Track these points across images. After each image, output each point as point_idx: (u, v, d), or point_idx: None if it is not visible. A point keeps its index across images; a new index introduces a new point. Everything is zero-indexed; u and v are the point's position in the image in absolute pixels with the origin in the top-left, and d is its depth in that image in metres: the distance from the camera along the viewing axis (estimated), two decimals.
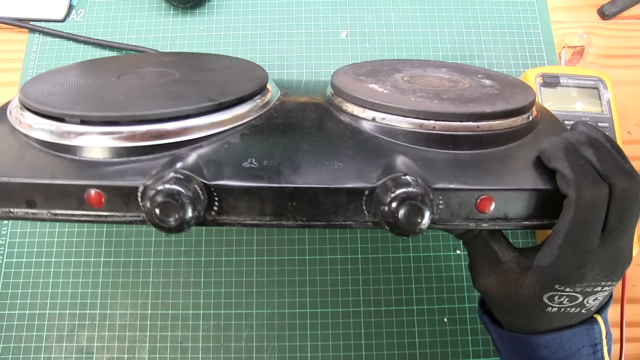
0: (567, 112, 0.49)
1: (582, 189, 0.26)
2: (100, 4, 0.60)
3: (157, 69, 0.39)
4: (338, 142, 0.31)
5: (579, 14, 0.60)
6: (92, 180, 0.27)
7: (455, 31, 0.59)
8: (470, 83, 0.38)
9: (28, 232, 0.50)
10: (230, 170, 0.28)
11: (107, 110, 0.29)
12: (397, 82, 0.37)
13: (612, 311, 0.48)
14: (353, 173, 0.28)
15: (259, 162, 0.28)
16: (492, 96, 0.35)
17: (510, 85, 0.38)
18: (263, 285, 0.48)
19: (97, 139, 0.29)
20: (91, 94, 0.33)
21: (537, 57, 0.58)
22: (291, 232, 0.49)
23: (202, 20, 0.59)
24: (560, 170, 0.27)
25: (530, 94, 0.36)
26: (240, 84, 0.35)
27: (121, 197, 0.27)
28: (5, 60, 0.57)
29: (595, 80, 0.51)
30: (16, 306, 0.48)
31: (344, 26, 0.59)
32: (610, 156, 0.28)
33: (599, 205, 0.26)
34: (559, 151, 0.28)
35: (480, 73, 0.41)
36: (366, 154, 0.30)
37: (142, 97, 0.32)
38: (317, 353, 0.46)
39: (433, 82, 0.38)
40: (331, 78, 0.38)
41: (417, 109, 0.31)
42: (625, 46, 0.59)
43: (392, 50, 0.58)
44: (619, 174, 0.27)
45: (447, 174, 0.29)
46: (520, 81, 0.39)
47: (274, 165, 0.28)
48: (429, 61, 0.44)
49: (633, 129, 0.55)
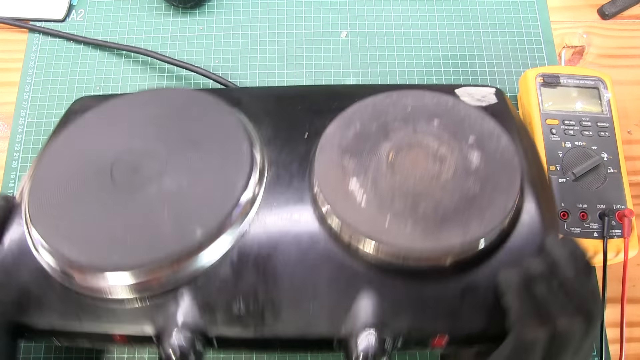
0: (567, 112, 0.49)
1: (524, 330, 0.29)
2: (100, 4, 0.60)
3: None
4: (314, 272, 0.34)
5: (579, 14, 0.60)
6: (112, 328, 0.34)
7: (455, 31, 0.59)
8: (455, 164, 0.38)
9: None
10: (223, 317, 0.33)
11: (118, 259, 0.33)
12: (379, 170, 0.37)
13: (612, 311, 0.48)
14: (324, 322, 0.33)
15: (247, 306, 0.33)
16: (471, 202, 0.36)
17: (498, 167, 0.38)
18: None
19: (119, 288, 0.34)
20: (97, 231, 0.35)
21: (537, 57, 0.58)
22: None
23: (202, 20, 0.59)
24: (508, 307, 0.30)
25: (511, 195, 0.36)
26: (218, 206, 0.36)
27: (140, 341, 0.35)
28: (5, 60, 0.57)
29: (595, 80, 0.51)
30: None
31: (344, 26, 0.59)
32: (560, 293, 0.29)
33: (537, 344, 0.29)
34: (510, 288, 0.30)
35: (473, 130, 0.40)
36: (337, 290, 0.34)
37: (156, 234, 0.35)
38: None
39: (418, 165, 0.38)
40: (315, 161, 0.37)
41: (390, 242, 0.33)
42: (625, 46, 0.59)
43: (392, 50, 0.58)
44: (561, 315, 0.29)
45: (409, 315, 0.33)
46: (510, 152, 0.38)
47: (259, 311, 0.33)
48: (423, 102, 0.42)
49: (633, 129, 0.55)
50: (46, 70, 0.57)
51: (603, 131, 0.49)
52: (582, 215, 0.46)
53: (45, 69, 0.57)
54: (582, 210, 0.46)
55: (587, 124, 0.49)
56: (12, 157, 0.53)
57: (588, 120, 0.49)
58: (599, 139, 0.48)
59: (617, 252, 0.45)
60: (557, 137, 0.48)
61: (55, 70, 0.57)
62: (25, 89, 0.56)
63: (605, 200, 0.46)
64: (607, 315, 0.47)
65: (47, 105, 0.55)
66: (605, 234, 0.45)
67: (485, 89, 0.48)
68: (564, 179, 0.47)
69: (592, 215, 0.46)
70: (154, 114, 0.41)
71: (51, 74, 0.56)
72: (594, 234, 0.45)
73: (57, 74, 0.56)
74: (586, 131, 0.48)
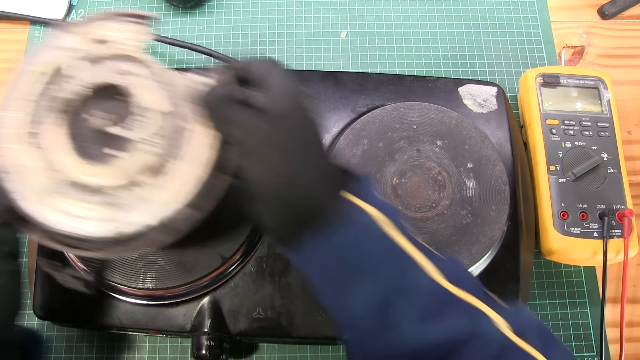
0: (567, 112, 0.49)
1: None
2: (100, 4, 0.60)
3: None
4: None
5: (579, 14, 0.60)
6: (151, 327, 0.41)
7: (455, 31, 0.59)
8: (452, 190, 0.43)
9: None
10: (245, 322, 0.41)
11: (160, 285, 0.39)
12: (385, 193, 0.43)
13: (612, 311, 0.48)
14: (331, 325, 0.38)
15: (265, 313, 0.41)
16: (464, 230, 0.42)
17: (490, 196, 0.43)
18: None
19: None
20: None
21: (537, 57, 0.58)
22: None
23: (202, 20, 0.59)
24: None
25: (498, 228, 0.42)
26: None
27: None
28: (6, 60, 0.57)
29: (595, 80, 0.51)
30: None
31: (344, 26, 0.59)
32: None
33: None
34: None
35: (470, 159, 0.44)
36: None
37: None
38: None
39: (419, 190, 0.43)
40: None
41: None
42: (625, 46, 0.59)
43: (392, 50, 0.58)
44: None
45: None
46: (501, 185, 0.43)
47: (275, 317, 0.41)
48: (429, 117, 0.45)
49: (633, 129, 0.55)
50: None
51: (603, 131, 0.48)
52: (582, 215, 0.46)
53: None
54: (582, 210, 0.46)
55: (587, 124, 0.49)
56: None
57: (588, 120, 0.49)
58: (599, 139, 0.48)
59: (617, 252, 0.45)
60: (557, 137, 0.48)
61: None
62: None
63: (605, 200, 0.46)
64: (607, 315, 0.47)
65: None
66: (605, 234, 0.45)
67: (487, 89, 0.49)
68: (564, 179, 0.47)
69: (592, 215, 0.46)
70: None
71: None
72: (594, 234, 0.45)
73: None
74: (586, 131, 0.48)
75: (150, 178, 0.32)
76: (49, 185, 0.32)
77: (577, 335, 0.48)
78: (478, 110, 0.47)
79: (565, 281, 0.49)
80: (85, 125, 0.33)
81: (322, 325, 0.41)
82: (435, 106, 0.45)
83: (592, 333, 0.48)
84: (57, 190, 0.32)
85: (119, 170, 0.32)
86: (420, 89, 0.48)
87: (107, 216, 0.31)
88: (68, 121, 0.32)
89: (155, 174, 0.32)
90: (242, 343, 0.46)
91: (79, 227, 0.31)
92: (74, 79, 0.33)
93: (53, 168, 0.32)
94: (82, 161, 0.32)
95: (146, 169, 0.31)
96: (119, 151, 0.32)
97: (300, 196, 0.28)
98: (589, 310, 0.49)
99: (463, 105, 0.48)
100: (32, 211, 0.31)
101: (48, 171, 0.32)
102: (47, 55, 0.32)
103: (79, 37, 0.33)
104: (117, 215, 0.31)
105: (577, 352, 0.47)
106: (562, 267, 0.50)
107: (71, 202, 0.32)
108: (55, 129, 0.32)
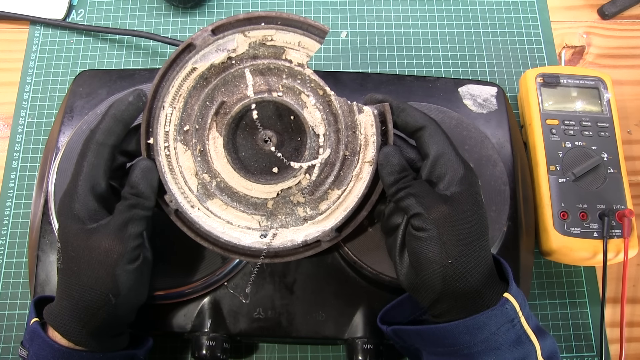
0: (567, 112, 0.49)
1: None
2: (100, 4, 0.60)
3: None
4: (325, 286, 0.42)
5: (579, 14, 0.60)
6: (151, 327, 0.41)
7: (455, 31, 0.59)
8: None
9: (28, 232, 0.50)
10: (245, 322, 0.41)
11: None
12: None
13: (612, 311, 0.48)
14: (331, 326, 0.41)
15: (265, 313, 0.41)
16: None
17: (490, 196, 0.43)
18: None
19: None
20: None
21: (537, 57, 0.58)
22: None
23: (202, 20, 0.59)
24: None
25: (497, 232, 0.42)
26: None
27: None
28: (5, 60, 0.57)
29: (595, 80, 0.51)
30: (16, 306, 0.48)
31: (344, 26, 0.59)
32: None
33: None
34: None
35: (470, 159, 0.44)
36: (344, 301, 0.41)
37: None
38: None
39: None
40: None
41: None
42: (625, 46, 0.59)
43: (392, 50, 0.58)
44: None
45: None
46: (501, 185, 0.43)
47: (275, 317, 0.41)
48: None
49: (633, 129, 0.55)
50: (46, 70, 0.57)
51: (603, 131, 0.48)
52: (582, 215, 0.46)
53: (46, 68, 0.57)
54: (582, 210, 0.46)
55: (587, 124, 0.49)
56: (12, 157, 0.53)
57: (588, 120, 0.49)
58: (599, 139, 0.48)
59: (617, 252, 0.45)
60: (557, 137, 0.48)
61: (55, 71, 0.57)
62: (25, 89, 0.56)
63: (605, 200, 0.46)
64: (607, 315, 0.47)
65: (47, 105, 0.55)
66: (605, 234, 0.45)
67: (487, 89, 0.49)
68: (564, 179, 0.47)
69: (592, 215, 0.46)
70: None
71: (51, 74, 0.56)
72: (594, 234, 0.45)
73: (57, 74, 0.56)
74: (586, 131, 0.48)
75: (308, 200, 0.34)
76: (209, 190, 0.33)
77: (577, 335, 0.48)
78: (478, 111, 0.48)
79: (565, 281, 0.49)
80: (252, 138, 0.33)
81: (322, 325, 0.41)
82: (435, 106, 0.45)
83: (592, 333, 0.48)
84: (218, 196, 0.33)
85: (279, 189, 0.33)
86: (420, 89, 0.48)
87: (261, 229, 0.34)
88: (231, 129, 0.33)
89: (313, 197, 0.34)
90: (242, 343, 0.46)
91: (236, 236, 0.33)
92: (241, 88, 0.32)
93: (214, 174, 0.33)
94: (244, 173, 0.33)
95: (306, 192, 0.33)
96: (281, 171, 0.33)
97: (461, 277, 0.31)
98: (589, 310, 0.49)
99: (463, 106, 0.48)
100: (194, 215, 0.33)
101: (208, 175, 0.33)
102: (215, 57, 0.32)
103: (250, 41, 0.32)
104: (270, 230, 0.34)
105: (577, 352, 0.47)
106: (562, 267, 0.50)
107: (233, 211, 0.34)
108: (216, 136, 0.33)
